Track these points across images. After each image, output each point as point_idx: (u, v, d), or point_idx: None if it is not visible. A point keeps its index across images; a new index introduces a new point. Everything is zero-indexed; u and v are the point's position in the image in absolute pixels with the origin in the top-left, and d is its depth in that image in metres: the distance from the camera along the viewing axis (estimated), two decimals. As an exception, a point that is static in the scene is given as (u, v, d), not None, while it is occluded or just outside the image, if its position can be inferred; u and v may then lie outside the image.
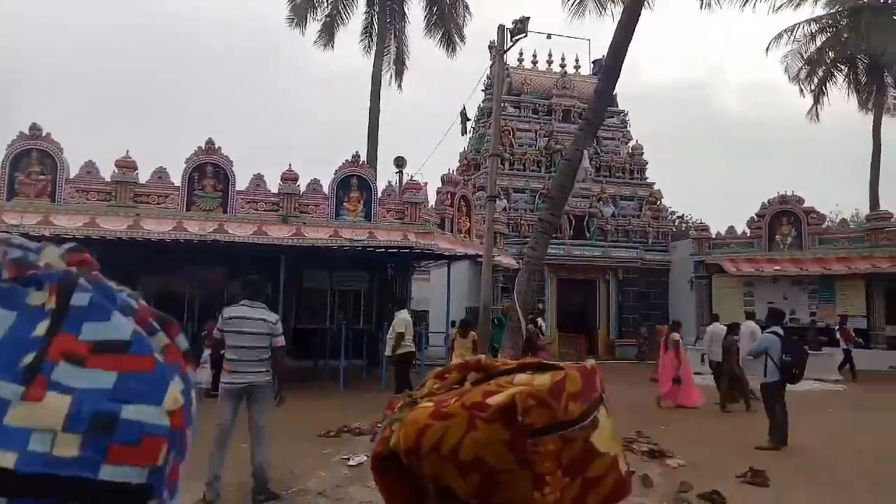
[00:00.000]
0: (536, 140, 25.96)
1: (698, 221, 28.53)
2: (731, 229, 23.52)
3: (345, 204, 14.60)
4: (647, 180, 26.65)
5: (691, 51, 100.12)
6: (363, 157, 16.61)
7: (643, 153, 26.94)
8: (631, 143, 27.23)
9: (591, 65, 27.55)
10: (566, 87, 26.91)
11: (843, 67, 23.38)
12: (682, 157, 78.45)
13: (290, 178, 14.30)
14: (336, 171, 14.66)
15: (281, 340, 5.15)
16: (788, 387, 8.14)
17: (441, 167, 23.01)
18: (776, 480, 6.12)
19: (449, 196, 18.48)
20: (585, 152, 7.61)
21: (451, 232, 18.32)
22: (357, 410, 9.08)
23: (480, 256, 13.14)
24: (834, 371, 15.95)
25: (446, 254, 14.61)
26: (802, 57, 23.31)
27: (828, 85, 23.94)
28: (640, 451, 7.27)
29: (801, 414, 10.85)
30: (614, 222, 25.15)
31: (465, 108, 10.54)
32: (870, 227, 20.55)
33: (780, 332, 8.20)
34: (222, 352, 5.36)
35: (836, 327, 17.61)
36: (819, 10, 23.39)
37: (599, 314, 24.47)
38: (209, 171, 13.70)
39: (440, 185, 19.05)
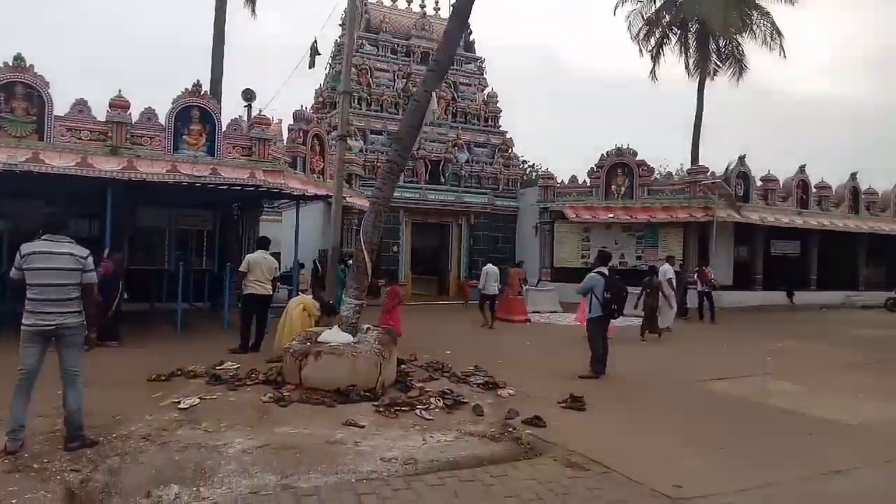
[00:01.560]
0: (395, 81, 25.61)
1: (545, 170, 30.04)
2: (573, 178, 24.99)
3: (184, 137, 13.50)
4: (501, 128, 27.42)
5: (548, 5, 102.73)
6: (206, 87, 15.43)
7: (498, 101, 27.58)
8: (486, 91, 27.74)
9: (451, 7, 27.39)
10: (425, 28, 26.63)
11: (676, 31, 25.24)
12: (534, 108, 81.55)
13: (119, 105, 12.92)
14: (174, 100, 13.47)
15: (92, 277, 4.72)
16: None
17: (296, 105, 21.97)
18: (592, 404, 6.78)
19: (301, 134, 17.78)
20: (434, 94, 7.60)
21: (304, 171, 17.75)
22: (193, 354, 8.70)
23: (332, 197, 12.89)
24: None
25: (296, 194, 14.15)
26: (643, 18, 24.86)
27: (664, 47, 25.79)
28: (476, 383, 7.71)
29: (618, 345, 12.11)
30: (468, 168, 25.75)
31: (315, 41, 10.06)
32: (690, 179, 22.82)
33: (606, 272, 8.93)
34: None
35: (696, 269, 19.04)
36: (661, -27, 24.93)
37: (451, 257, 25.22)
38: (19, 91, 12.01)
39: (292, 122, 18.29)
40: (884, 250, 27.44)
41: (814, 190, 25.27)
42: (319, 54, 10.27)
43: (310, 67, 10.14)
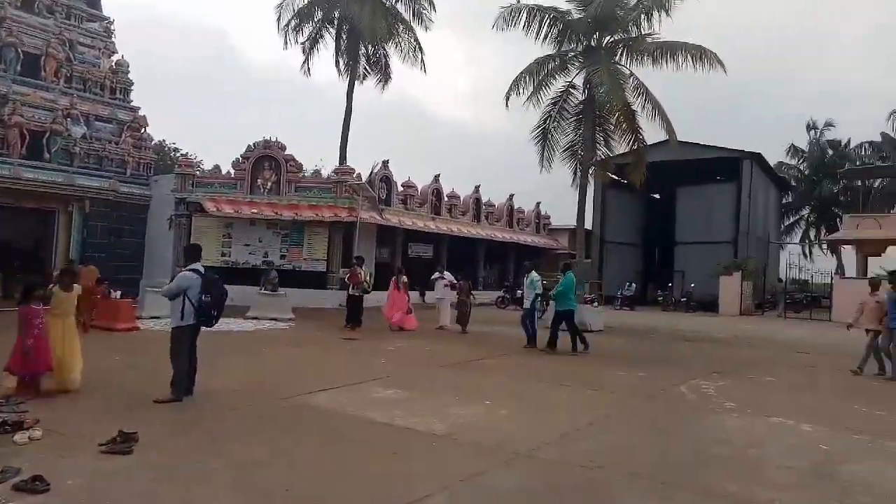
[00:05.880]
0: (-23, 23, 19.90)
1: (184, 156, 27.08)
2: (216, 168, 22.86)
3: None
4: (132, 103, 23.66)
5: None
6: None
7: (129, 72, 23.74)
8: (115, 58, 23.64)
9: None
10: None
11: (330, 29, 25.02)
12: (193, 93, 75.53)
13: None
14: None
15: None
16: (226, 327, 7.58)
17: None
18: (151, 441, 5.23)
19: None
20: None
21: None
22: None
23: None
24: (288, 311, 16.84)
25: None
26: (294, 10, 24.00)
27: (319, 43, 25.32)
28: (-11, 426, 5.46)
29: (236, 353, 10.73)
30: (85, 145, 21.50)
31: None
32: (336, 179, 22.72)
33: (201, 269, 7.42)
34: None
35: (348, 270, 17.36)
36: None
37: (57, 251, 20.64)
38: None
39: None
40: (498, 255, 31.67)
41: (445, 198, 27.70)
42: None
43: None
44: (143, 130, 23.71)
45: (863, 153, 42.85)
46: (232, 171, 22.72)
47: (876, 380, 10.30)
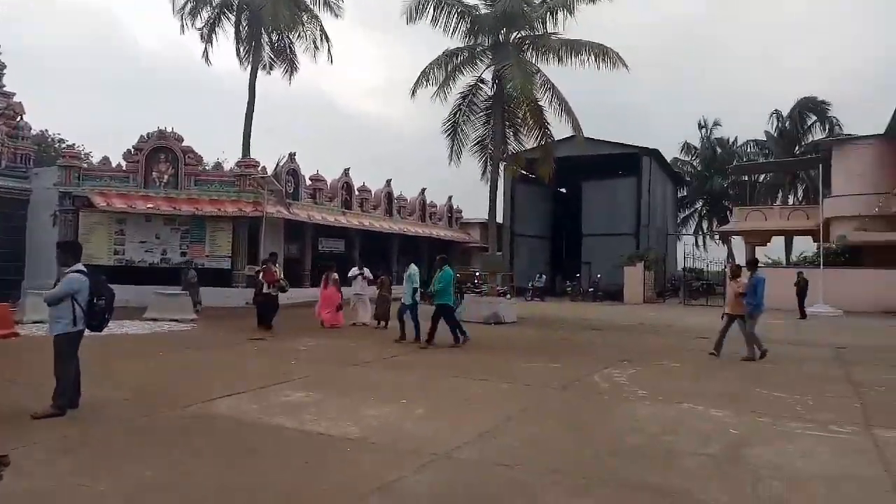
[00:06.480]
0: None
1: (70, 147, 25.04)
2: (105, 160, 21.23)
3: None
4: (5, 89, 21.55)
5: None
6: None
7: (0, 53, 21.61)
8: (-15, 38, 21.43)
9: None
10: None
11: (230, 15, 23.81)
12: (81, 81, 70.33)
13: None
14: None
15: None
16: (119, 329, 6.88)
17: None
18: (26, 461, 4.62)
19: None
20: None
21: None
22: None
23: None
24: (190, 311, 15.89)
25: None
26: (190, -10, 22.67)
27: (218, 29, 24.04)
28: None
29: (129, 357, 9.96)
30: (-49, 133, 19.34)
31: None
32: (239, 172, 21.68)
33: (85, 270, 6.71)
34: None
35: (262, 268, 15.95)
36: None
37: (-82, 252, 18.49)
38: None
39: None
40: (411, 249, 31.43)
41: (356, 192, 27.17)
42: None
43: None
44: (19, 118, 21.66)
45: (748, 150, 46.01)
46: (123, 164, 21.19)
47: (770, 363, 10.88)
